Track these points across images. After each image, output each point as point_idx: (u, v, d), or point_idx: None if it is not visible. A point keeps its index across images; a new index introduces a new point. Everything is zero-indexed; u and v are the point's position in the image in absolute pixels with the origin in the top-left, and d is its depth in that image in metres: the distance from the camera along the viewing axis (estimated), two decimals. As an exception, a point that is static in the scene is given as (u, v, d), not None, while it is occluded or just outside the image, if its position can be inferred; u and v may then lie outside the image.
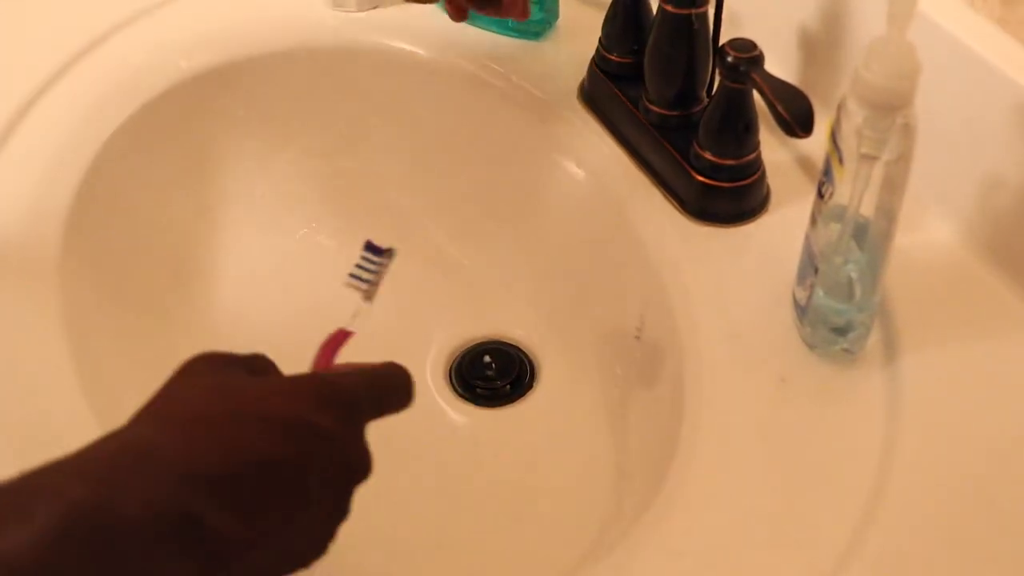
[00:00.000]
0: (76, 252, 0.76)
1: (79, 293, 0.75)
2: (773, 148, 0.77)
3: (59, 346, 0.69)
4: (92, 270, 0.78)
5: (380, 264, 0.60)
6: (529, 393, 0.84)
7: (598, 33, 0.87)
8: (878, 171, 0.59)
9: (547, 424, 0.81)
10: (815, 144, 0.67)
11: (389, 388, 0.54)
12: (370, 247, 0.60)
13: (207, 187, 0.89)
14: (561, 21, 0.89)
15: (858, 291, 0.66)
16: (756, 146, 0.72)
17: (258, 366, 0.52)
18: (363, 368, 0.54)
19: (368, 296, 0.60)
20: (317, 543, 0.50)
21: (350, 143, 0.91)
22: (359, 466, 0.51)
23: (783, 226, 0.73)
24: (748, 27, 0.79)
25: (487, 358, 0.85)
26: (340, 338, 0.58)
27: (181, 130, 0.87)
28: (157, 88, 0.86)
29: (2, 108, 0.82)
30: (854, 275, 0.66)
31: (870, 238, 0.64)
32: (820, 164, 0.76)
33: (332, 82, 0.91)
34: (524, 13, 0.76)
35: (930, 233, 0.72)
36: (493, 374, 0.84)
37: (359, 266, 0.60)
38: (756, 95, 0.69)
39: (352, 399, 0.51)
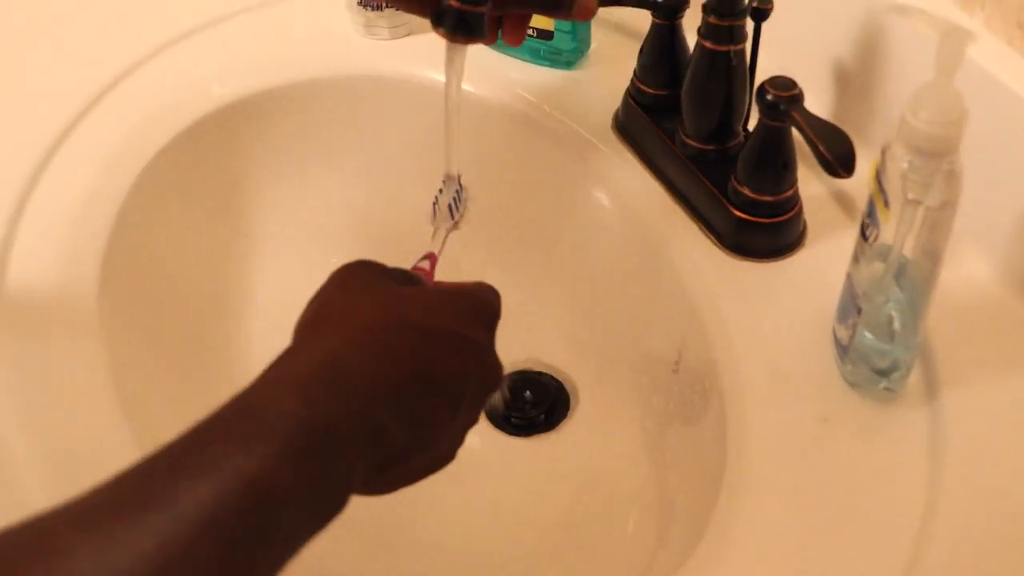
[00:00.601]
0: (113, 287, 0.76)
1: (117, 326, 0.75)
2: (808, 181, 0.77)
3: (101, 378, 0.70)
4: (129, 304, 0.78)
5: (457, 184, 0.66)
6: (564, 423, 0.84)
7: (629, 62, 0.87)
8: (922, 214, 0.59)
9: (582, 454, 0.82)
10: (850, 178, 0.68)
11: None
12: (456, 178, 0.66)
13: (239, 217, 0.90)
14: (592, 49, 0.89)
15: (898, 330, 0.66)
16: (794, 183, 0.72)
17: (405, 278, 0.57)
18: (483, 285, 0.59)
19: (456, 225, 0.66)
20: (454, 448, 0.56)
21: (382, 172, 0.91)
22: (496, 377, 0.56)
23: (820, 261, 0.74)
24: (780, 59, 0.79)
25: (516, 388, 0.86)
26: (433, 262, 0.62)
27: (212, 161, 0.88)
28: (189, 119, 0.86)
29: (36, 142, 0.82)
30: (895, 314, 0.66)
31: (910, 278, 0.64)
32: (855, 198, 0.77)
33: (364, 111, 0.91)
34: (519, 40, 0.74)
35: (968, 270, 0.72)
36: (528, 403, 0.84)
37: (452, 199, 0.66)
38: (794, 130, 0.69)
39: (495, 314, 0.57)
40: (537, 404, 0.84)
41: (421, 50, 0.90)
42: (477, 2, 0.62)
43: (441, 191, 0.66)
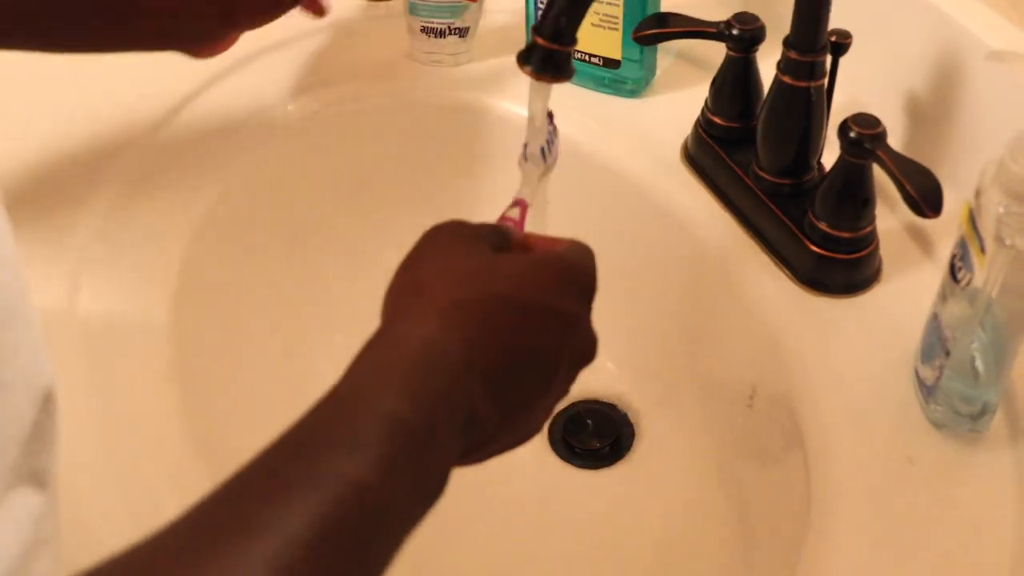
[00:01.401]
0: (184, 309, 0.76)
1: (188, 356, 0.75)
2: (882, 215, 0.76)
3: (171, 403, 0.70)
4: (199, 327, 0.78)
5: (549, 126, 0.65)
6: (628, 454, 0.83)
7: (694, 90, 0.87)
8: (1012, 256, 0.59)
9: (650, 488, 0.81)
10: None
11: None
12: (550, 117, 0.64)
13: (307, 240, 0.89)
14: (656, 77, 0.89)
15: (981, 371, 0.65)
16: (872, 219, 0.72)
17: (498, 237, 0.55)
18: (578, 247, 0.55)
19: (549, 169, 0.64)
20: (542, 422, 0.53)
21: (449, 198, 0.91)
22: (591, 350, 0.53)
23: (897, 298, 0.73)
24: (850, 90, 0.79)
25: (580, 418, 0.85)
26: (524, 210, 0.60)
27: (276, 187, 0.87)
28: (257, 141, 0.86)
29: (110, 158, 0.82)
30: (977, 355, 0.65)
31: (994, 317, 0.63)
32: (929, 232, 0.77)
33: (424, 136, 0.90)
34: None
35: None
36: (592, 434, 0.84)
37: (546, 141, 0.64)
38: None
39: (591, 283, 0.53)
40: (601, 435, 0.84)
41: (480, 76, 0.90)
42: (565, 42, 0.61)
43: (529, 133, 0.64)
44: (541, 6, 0.85)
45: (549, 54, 0.61)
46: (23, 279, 0.43)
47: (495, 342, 0.48)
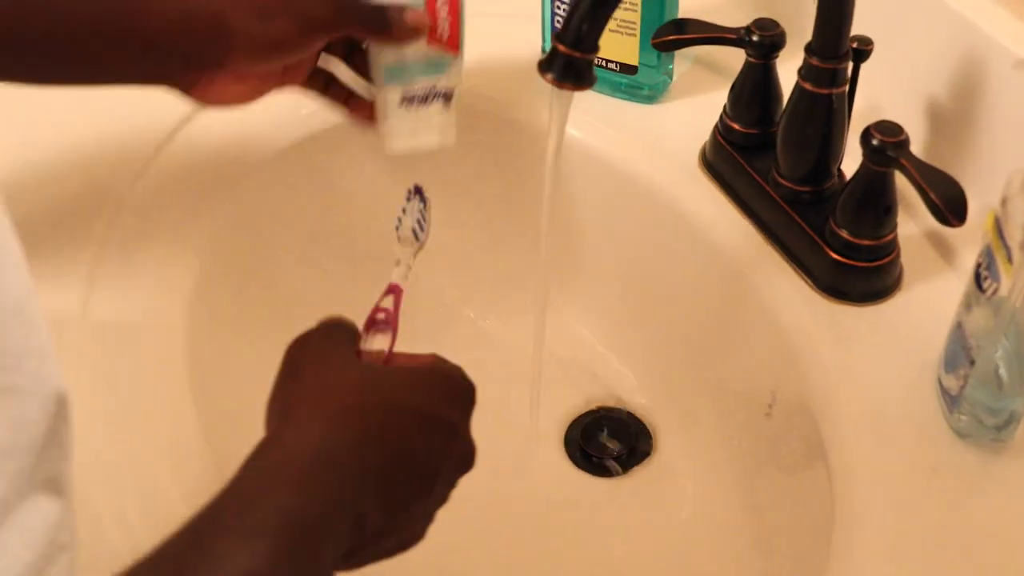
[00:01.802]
0: (205, 284, 0.77)
1: (202, 362, 0.75)
2: (901, 222, 0.76)
3: (184, 407, 0.70)
4: (216, 326, 0.78)
5: (418, 203, 0.63)
6: (646, 463, 0.83)
7: (711, 95, 0.86)
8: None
9: (667, 497, 0.81)
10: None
11: None
12: (418, 192, 0.63)
13: (321, 246, 0.89)
14: (672, 83, 0.88)
15: (1005, 379, 0.65)
16: (894, 227, 0.71)
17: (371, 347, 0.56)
18: (449, 364, 0.56)
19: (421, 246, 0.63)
20: (424, 528, 0.55)
21: (471, 205, 0.90)
22: (471, 458, 0.55)
23: (918, 306, 0.73)
24: (869, 95, 0.78)
25: (597, 426, 0.85)
26: (398, 295, 0.59)
27: (292, 195, 0.87)
28: (280, 144, 0.85)
29: (130, 157, 0.82)
30: (1000, 363, 0.65)
31: (1017, 326, 0.63)
32: (949, 239, 0.76)
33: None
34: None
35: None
36: (609, 442, 0.84)
37: (416, 220, 0.63)
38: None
39: (470, 394, 0.55)
40: (617, 443, 0.84)
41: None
42: (586, 49, 0.61)
43: (404, 210, 0.63)
44: (558, 12, 0.85)
45: (570, 61, 0.61)
46: (27, 283, 0.43)
47: (383, 446, 0.50)
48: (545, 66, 0.61)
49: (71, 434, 0.45)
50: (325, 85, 0.72)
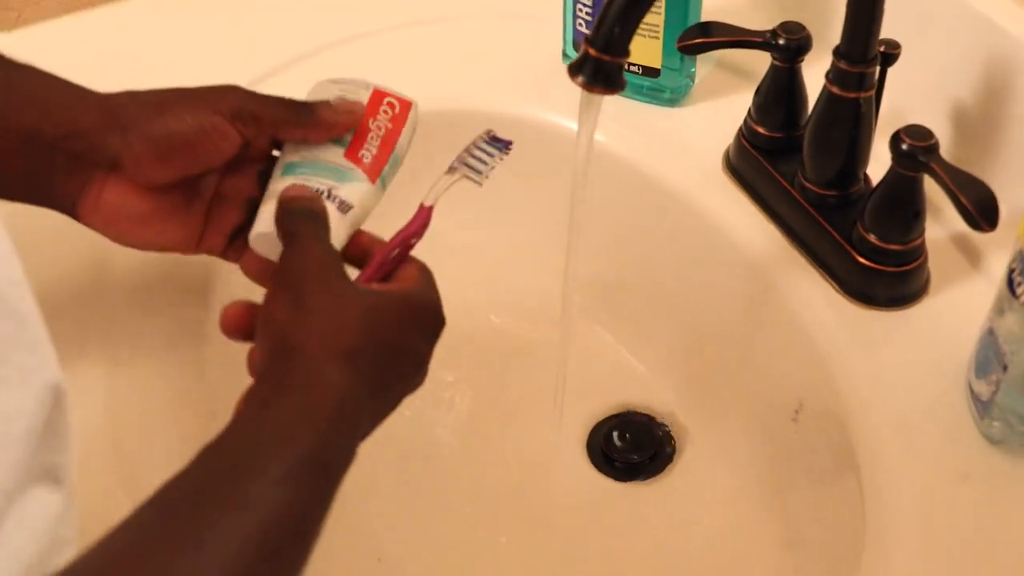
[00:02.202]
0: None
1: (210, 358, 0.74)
2: (927, 225, 0.75)
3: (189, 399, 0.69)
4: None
5: (497, 156, 0.64)
6: (670, 468, 0.83)
7: (733, 98, 0.86)
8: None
9: (691, 503, 0.80)
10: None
11: None
12: (493, 139, 0.64)
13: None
14: (695, 85, 0.88)
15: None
16: (922, 232, 0.71)
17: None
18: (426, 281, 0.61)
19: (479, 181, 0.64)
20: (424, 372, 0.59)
21: (493, 208, 0.89)
22: (422, 382, 0.59)
23: (946, 311, 0.72)
24: (893, 97, 0.78)
25: (620, 431, 0.84)
26: (423, 221, 0.62)
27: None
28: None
29: None
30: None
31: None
32: (976, 243, 0.76)
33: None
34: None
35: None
36: (631, 447, 0.83)
37: (473, 155, 0.64)
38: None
39: (440, 328, 0.60)
40: (640, 448, 0.83)
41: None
42: (617, 52, 0.60)
43: (479, 144, 0.64)
44: (580, 14, 0.84)
45: (601, 65, 0.60)
46: (12, 274, 0.42)
47: (385, 385, 0.55)
48: (575, 69, 0.61)
49: (69, 425, 0.45)
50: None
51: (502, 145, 0.64)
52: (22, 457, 0.42)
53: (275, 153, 0.64)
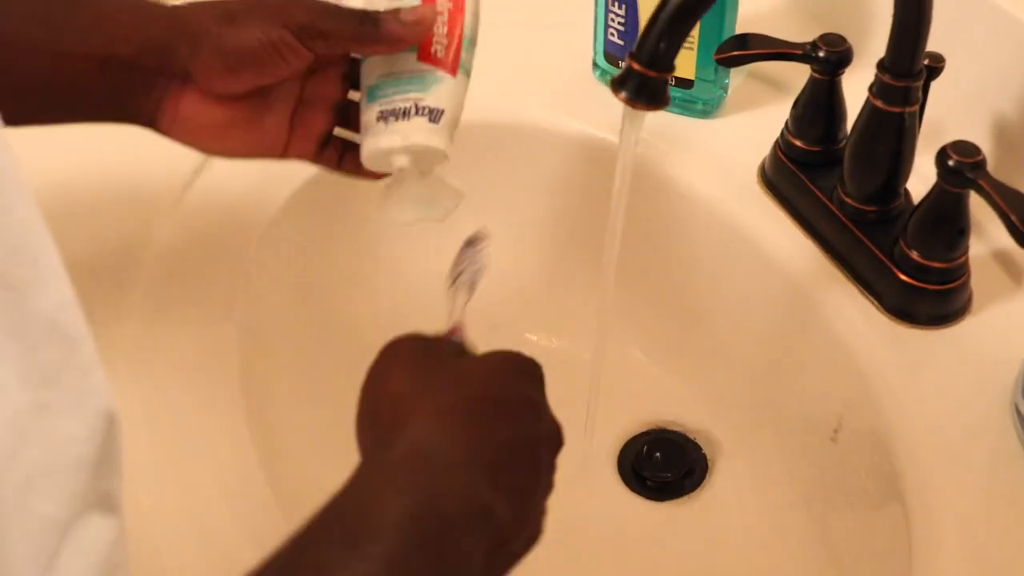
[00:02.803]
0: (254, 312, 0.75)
1: (253, 358, 0.74)
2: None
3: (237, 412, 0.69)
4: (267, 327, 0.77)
5: (480, 252, 0.62)
6: (703, 486, 0.81)
7: (767, 110, 0.85)
8: None
9: (724, 522, 0.79)
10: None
11: None
12: (468, 244, 0.62)
13: (379, 250, 0.87)
14: (727, 97, 0.86)
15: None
16: (966, 249, 0.69)
17: (452, 346, 0.56)
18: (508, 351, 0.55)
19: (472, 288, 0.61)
20: (541, 523, 0.52)
21: (524, 222, 0.88)
22: (560, 435, 0.53)
23: (989, 329, 0.71)
24: (936, 114, 0.76)
25: (651, 448, 0.83)
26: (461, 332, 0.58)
27: (341, 208, 0.85)
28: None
29: (168, 187, 0.80)
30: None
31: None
32: (1018, 259, 0.74)
33: (513, 160, 0.88)
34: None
35: None
36: (663, 465, 0.82)
37: (462, 267, 0.61)
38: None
39: (539, 371, 0.54)
40: (672, 466, 0.82)
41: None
42: (662, 68, 0.59)
43: (464, 254, 0.62)
44: (612, 24, 0.83)
45: (645, 80, 0.59)
46: (63, 296, 0.41)
47: (488, 438, 0.49)
48: (618, 84, 0.59)
49: (121, 450, 0.44)
50: (341, 157, 0.64)
51: (479, 243, 0.62)
52: (76, 485, 0.40)
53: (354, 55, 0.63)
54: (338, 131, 0.64)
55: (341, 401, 0.80)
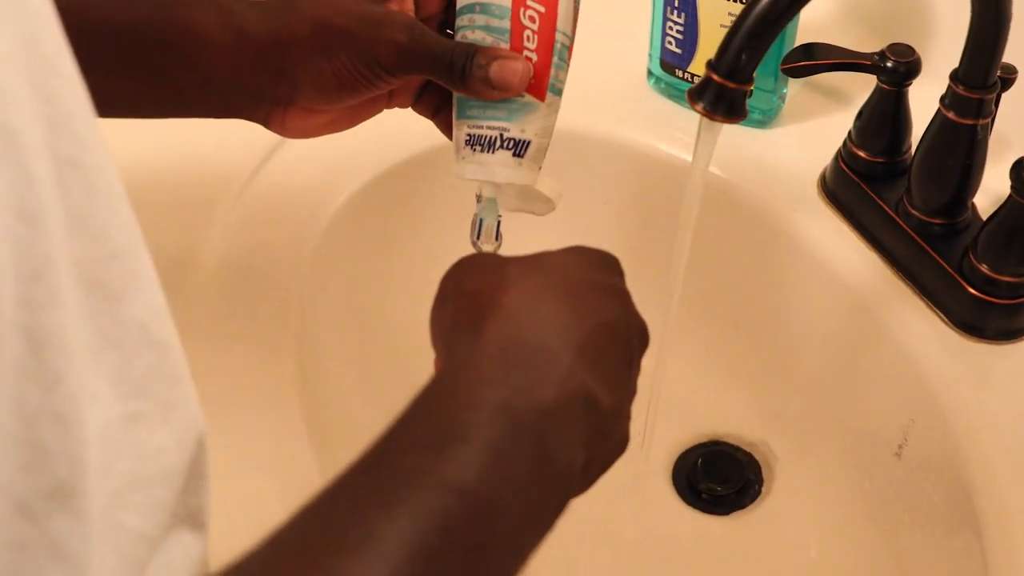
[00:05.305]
0: (311, 316, 0.75)
1: (309, 348, 0.73)
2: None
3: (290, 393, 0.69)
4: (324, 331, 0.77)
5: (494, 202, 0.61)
6: (759, 500, 0.80)
7: (824, 120, 0.84)
8: None
9: (781, 538, 0.78)
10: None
11: None
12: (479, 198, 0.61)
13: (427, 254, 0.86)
14: (784, 107, 0.85)
15: None
16: (1038, 263, 0.69)
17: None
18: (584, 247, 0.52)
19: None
20: (627, 428, 0.49)
21: (579, 232, 0.87)
22: (646, 332, 0.50)
23: (1060, 344, 0.70)
24: (997, 127, 0.75)
25: (706, 461, 0.82)
26: None
27: (403, 204, 0.84)
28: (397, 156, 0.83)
29: (237, 169, 0.79)
30: None
31: None
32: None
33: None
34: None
35: None
36: (718, 478, 0.81)
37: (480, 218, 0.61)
38: None
39: (618, 263, 0.51)
40: (727, 480, 0.81)
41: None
42: (741, 79, 0.58)
43: (481, 208, 0.61)
44: (670, 32, 0.82)
45: (723, 92, 0.58)
46: (155, 304, 0.40)
47: (582, 322, 0.45)
48: (696, 96, 0.59)
49: (209, 466, 0.43)
50: (436, 109, 0.64)
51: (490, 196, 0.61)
52: (164, 498, 0.40)
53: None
54: None
55: (398, 404, 0.80)
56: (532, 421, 0.41)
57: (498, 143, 0.57)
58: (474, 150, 0.58)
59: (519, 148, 0.57)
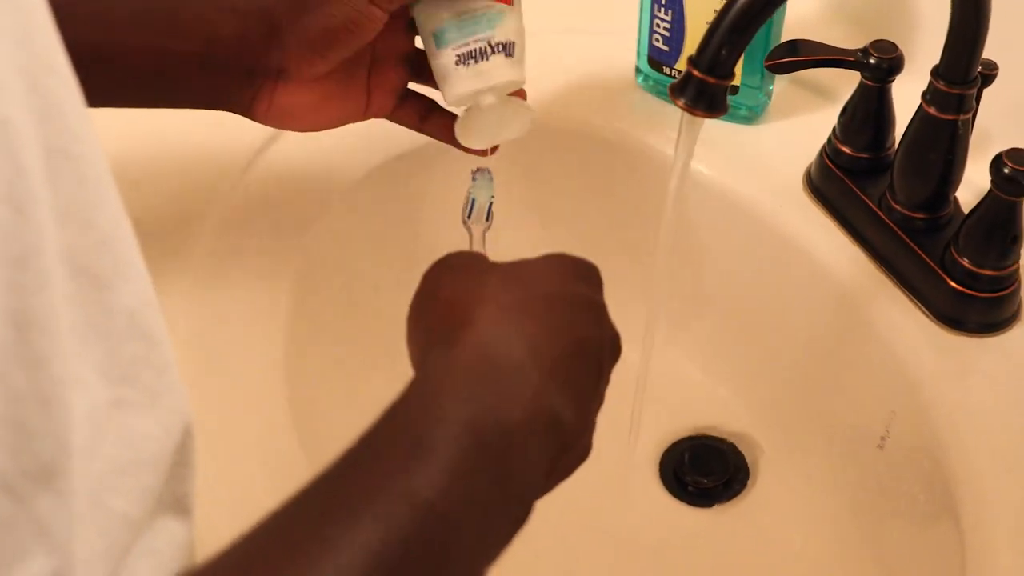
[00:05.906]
0: (301, 302, 0.76)
1: (299, 340, 0.74)
2: (1016, 249, 0.74)
3: (277, 384, 0.70)
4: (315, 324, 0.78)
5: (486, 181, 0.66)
6: (745, 492, 0.81)
7: (809, 116, 0.85)
8: None
9: (766, 530, 0.79)
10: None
11: None
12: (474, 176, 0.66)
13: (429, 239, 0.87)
14: (770, 103, 0.86)
15: None
16: (1018, 258, 0.69)
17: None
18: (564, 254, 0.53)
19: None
20: (591, 436, 0.50)
21: (569, 228, 0.88)
22: (619, 343, 0.51)
23: (1039, 337, 0.71)
24: (979, 122, 0.76)
25: (693, 454, 0.83)
26: None
27: (395, 202, 0.85)
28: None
29: (233, 160, 0.80)
30: None
31: None
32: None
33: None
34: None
35: None
36: (704, 471, 0.82)
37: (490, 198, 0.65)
38: None
39: (597, 273, 0.52)
40: (713, 472, 0.82)
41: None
42: (722, 75, 0.59)
43: (474, 187, 0.65)
44: (657, 30, 0.83)
45: (704, 87, 0.59)
46: (143, 294, 0.41)
47: (553, 337, 0.46)
48: (677, 91, 0.60)
49: (196, 455, 0.44)
50: (421, 118, 0.68)
51: (483, 174, 0.66)
52: (150, 484, 0.40)
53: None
54: (412, 85, 0.68)
55: (386, 397, 0.81)
56: (497, 440, 0.42)
57: (489, 50, 0.63)
58: (467, 65, 0.63)
59: (508, 49, 0.64)
